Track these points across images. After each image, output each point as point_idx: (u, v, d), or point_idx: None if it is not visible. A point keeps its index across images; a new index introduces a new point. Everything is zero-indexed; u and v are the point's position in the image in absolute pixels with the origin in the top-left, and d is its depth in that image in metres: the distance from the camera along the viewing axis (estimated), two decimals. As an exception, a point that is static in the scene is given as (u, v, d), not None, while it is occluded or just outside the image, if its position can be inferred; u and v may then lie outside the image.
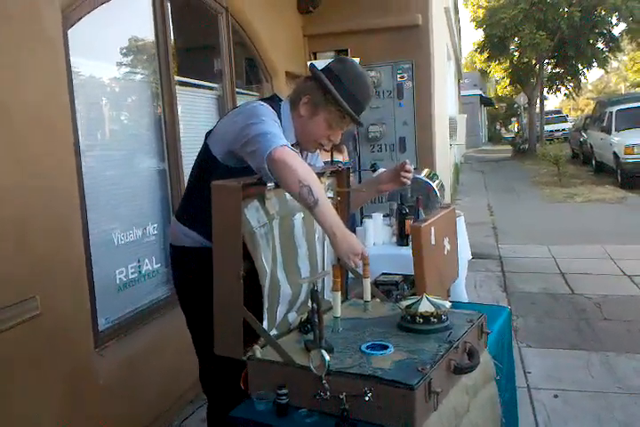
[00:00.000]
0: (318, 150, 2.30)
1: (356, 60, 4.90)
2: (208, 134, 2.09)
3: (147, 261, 3.25)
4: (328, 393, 1.51)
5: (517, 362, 3.68)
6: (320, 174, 2.04)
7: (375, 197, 3.02)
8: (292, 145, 1.90)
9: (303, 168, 1.73)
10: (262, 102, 2.01)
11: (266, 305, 1.77)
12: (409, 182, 2.27)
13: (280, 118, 2.02)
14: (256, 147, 1.76)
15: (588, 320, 4.51)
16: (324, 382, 1.51)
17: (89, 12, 2.74)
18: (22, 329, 2.22)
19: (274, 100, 2.11)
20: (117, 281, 3.03)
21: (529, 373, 3.64)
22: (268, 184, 1.79)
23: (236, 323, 1.68)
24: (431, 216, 2.38)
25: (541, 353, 3.95)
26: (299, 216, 1.96)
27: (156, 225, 3.32)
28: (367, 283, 2.07)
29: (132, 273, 3.13)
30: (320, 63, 2.21)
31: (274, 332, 1.83)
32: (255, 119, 1.86)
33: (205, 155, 2.05)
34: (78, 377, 2.53)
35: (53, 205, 2.39)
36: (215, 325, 1.73)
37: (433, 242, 2.25)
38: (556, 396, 3.34)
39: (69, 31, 2.56)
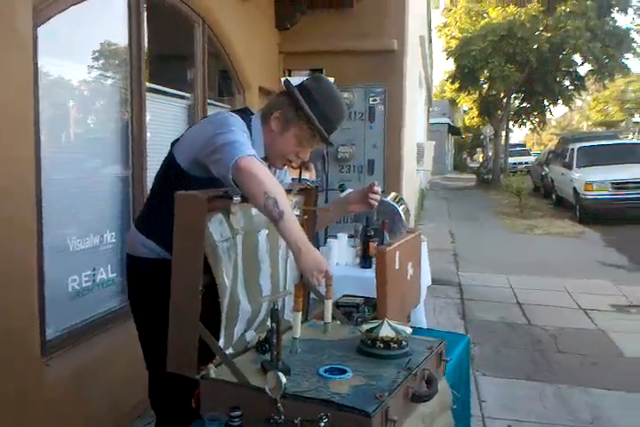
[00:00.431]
0: (286, 167, 2.27)
1: (331, 79, 4.93)
2: (174, 143, 2.04)
3: (102, 269, 3.14)
4: (282, 417, 1.45)
5: (473, 390, 3.66)
6: (288, 191, 1.99)
7: (341, 218, 3.00)
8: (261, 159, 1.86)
9: (270, 179, 1.70)
10: (233, 113, 1.98)
11: (224, 323, 1.70)
12: (376, 204, 2.26)
13: (250, 131, 1.99)
14: (222, 155, 1.73)
15: (543, 351, 4.54)
16: (278, 405, 1.45)
17: (62, 11, 2.67)
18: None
19: (245, 113, 2.08)
20: (70, 289, 2.92)
21: (484, 402, 3.63)
22: (235, 198, 1.75)
23: (191, 339, 1.61)
24: (396, 240, 2.36)
25: (497, 382, 3.95)
26: (263, 233, 1.91)
27: (114, 233, 3.22)
28: (329, 304, 2.03)
29: (85, 281, 3.02)
30: (295, 80, 2.20)
31: (230, 351, 1.77)
32: (224, 129, 1.83)
33: (170, 163, 2.00)
34: (23, 388, 2.42)
35: (6, 205, 2.30)
36: (169, 340, 1.66)
37: (397, 266, 2.23)
38: (509, 426, 3.33)
39: (39, 29, 2.48)
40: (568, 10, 19.15)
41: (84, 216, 3.02)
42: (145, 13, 3.42)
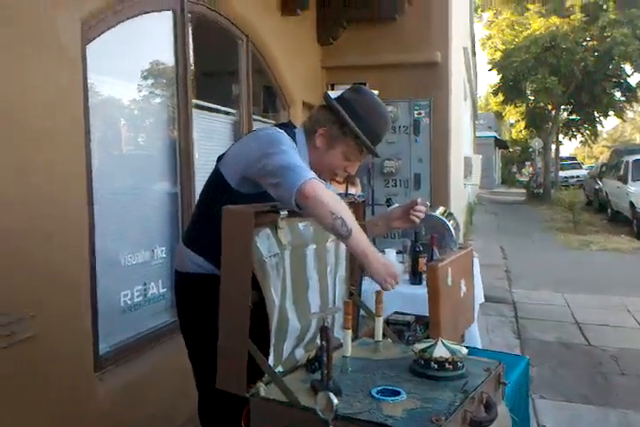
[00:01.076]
0: (330, 182, 2.24)
1: (375, 92, 4.90)
2: (220, 158, 2.03)
3: (153, 284, 3.16)
4: (334, 440, 1.38)
5: (531, 414, 3.51)
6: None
7: (388, 233, 2.95)
8: None
9: (334, 200, 1.69)
10: (278, 129, 1.95)
11: (273, 340, 1.66)
12: (418, 221, 2.23)
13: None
14: (282, 179, 1.69)
15: (604, 374, 4.32)
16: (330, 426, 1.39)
17: (109, 29, 2.71)
18: (17, 349, 2.14)
19: (289, 127, 2.05)
20: (122, 304, 2.94)
21: (543, 426, 3.46)
22: (282, 213, 1.71)
23: (240, 357, 1.57)
24: (448, 256, 2.28)
25: (556, 406, 3.76)
26: (311, 248, 1.87)
27: (164, 248, 3.24)
28: (380, 322, 1.97)
29: (137, 296, 3.04)
30: (335, 93, 2.16)
31: (279, 369, 1.72)
32: (275, 148, 1.80)
33: (217, 179, 1.98)
34: (75, 402, 2.43)
35: (61, 220, 2.33)
36: (219, 357, 1.63)
37: (449, 283, 2.14)
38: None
39: (88, 47, 2.52)
40: (613, 17, 18.67)
41: (134, 232, 3.05)
42: (190, 30, 3.47)
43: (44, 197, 2.24)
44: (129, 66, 3.05)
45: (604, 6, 19.16)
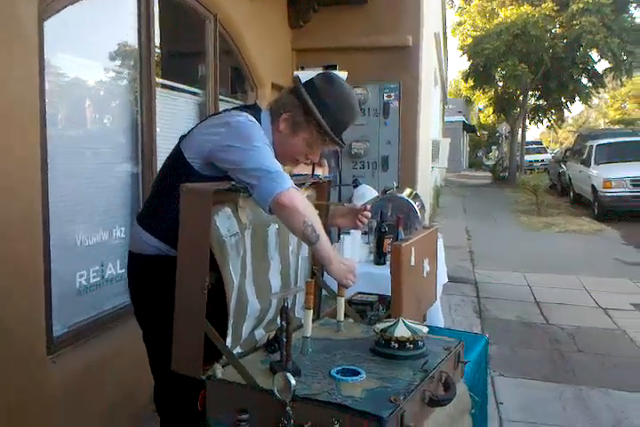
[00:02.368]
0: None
1: (344, 74, 4.84)
2: (182, 138, 1.97)
3: (110, 265, 3.09)
4: (292, 421, 1.38)
5: (490, 391, 3.58)
6: (300, 185, 1.93)
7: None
8: None
9: (308, 209, 1.72)
10: (247, 115, 1.88)
11: (231, 321, 1.64)
12: (362, 226, 2.27)
13: None
14: (257, 183, 1.67)
15: (561, 351, 4.43)
16: (288, 408, 1.38)
17: (70, 4, 2.61)
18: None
19: (255, 110, 1.99)
20: (77, 285, 2.86)
21: (501, 403, 3.53)
22: (243, 193, 1.68)
23: (196, 338, 1.55)
24: (412, 236, 2.28)
25: (515, 383, 3.84)
26: (273, 227, 1.85)
27: (123, 228, 3.17)
28: (341, 302, 1.97)
29: (93, 277, 2.96)
30: (306, 74, 2.11)
31: (238, 350, 1.70)
32: (247, 143, 1.75)
33: (177, 159, 1.92)
34: (28, 386, 2.37)
35: (12, 202, 2.25)
36: (174, 339, 1.60)
37: (412, 263, 2.15)
38: (527, 429, 3.24)
39: (46, 23, 2.42)
40: (582, 6, 18.87)
41: (92, 211, 2.97)
42: (155, 8, 3.36)
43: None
44: (90, 43, 2.94)
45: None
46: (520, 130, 24.91)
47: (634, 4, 20.04)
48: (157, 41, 3.44)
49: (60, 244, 2.67)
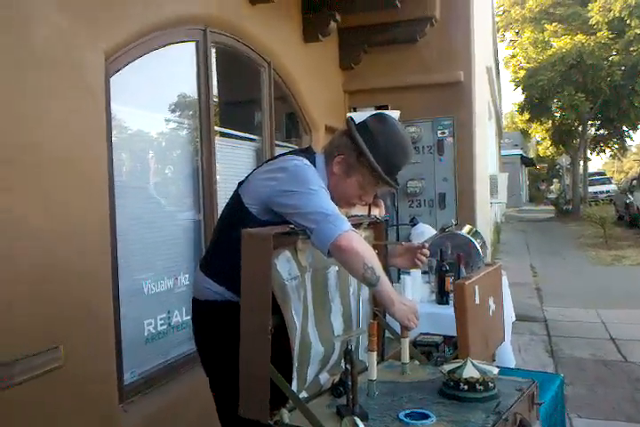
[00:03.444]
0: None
1: (396, 113, 4.87)
2: (241, 184, 2.01)
3: (177, 312, 3.15)
4: (361, 467, 1.35)
5: (568, 434, 3.40)
6: (357, 225, 1.94)
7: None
8: None
9: (367, 251, 1.72)
10: (302, 158, 1.91)
11: (295, 364, 1.63)
12: (421, 265, 2.24)
13: None
14: (315, 226, 1.69)
15: (643, 391, 4.18)
16: (356, 453, 1.35)
17: (133, 61, 2.76)
18: (43, 380, 2.13)
19: (309, 153, 2.02)
20: (146, 333, 2.93)
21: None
22: (301, 235, 1.70)
23: (262, 383, 1.55)
24: (475, 273, 2.23)
25: (595, 425, 3.63)
26: (333, 269, 1.85)
27: (187, 275, 3.24)
28: (406, 343, 1.93)
29: (160, 325, 3.02)
30: (359, 115, 2.13)
31: (303, 394, 1.69)
32: (303, 187, 1.78)
33: (236, 205, 1.96)
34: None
35: (82, 251, 2.34)
36: (240, 384, 1.60)
37: (477, 301, 2.09)
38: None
39: (112, 79, 2.57)
40: (638, 32, 18.54)
41: (157, 260, 3.06)
42: (213, 60, 3.52)
43: (68, 226, 2.26)
44: (152, 96, 3.11)
45: (629, 21, 19.02)
46: (581, 161, 24.30)
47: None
48: (215, 90, 3.58)
49: (128, 292, 2.74)
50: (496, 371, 1.68)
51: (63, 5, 2.24)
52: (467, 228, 4.12)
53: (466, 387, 1.63)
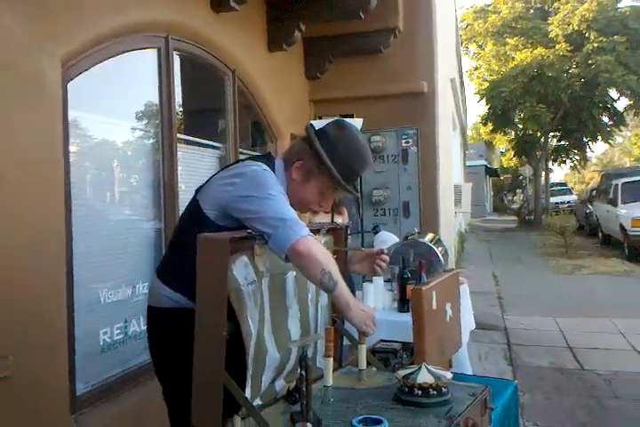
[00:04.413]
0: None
1: (359, 121, 4.91)
2: (199, 189, 2.00)
3: (134, 321, 3.10)
4: (312, 473, 1.35)
5: (525, 442, 3.45)
6: (316, 231, 1.95)
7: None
8: None
9: (324, 255, 1.72)
10: (261, 164, 1.91)
11: (250, 371, 1.62)
12: (381, 272, 2.24)
13: None
14: (273, 232, 1.69)
15: (598, 398, 4.26)
16: (308, 460, 1.35)
17: (91, 67, 2.73)
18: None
19: (269, 159, 2.02)
20: (101, 342, 2.87)
21: (537, 453, 3.39)
22: (258, 240, 1.70)
23: (215, 390, 1.53)
24: (433, 279, 2.26)
25: (550, 433, 3.70)
26: (291, 275, 1.85)
27: (146, 284, 3.19)
28: (363, 349, 1.93)
29: (117, 334, 2.97)
30: (322, 123, 2.14)
31: (258, 401, 1.68)
32: (262, 192, 1.78)
33: (194, 211, 1.94)
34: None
35: (36, 260, 2.30)
36: (193, 391, 1.58)
37: (434, 306, 2.12)
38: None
39: (69, 84, 2.54)
40: (596, 45, 19.11)
41: (115, 268, 3.01)
42: (175, 66, 3.50)
43: (23, 235, 2.22)
44: (112, 103, 3.07)
45: (587, 34, 19.60)
46: (543, 172, 24.82)
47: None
48: (178, 98, 3.56)
49: (83, 301, 2.70)
50: (450, 376, 1.70)
51: (17, 10, 2.21)
52: (429, 236, 4.17)
53: (420, 392, 1.65)
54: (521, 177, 32.40)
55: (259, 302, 1.69)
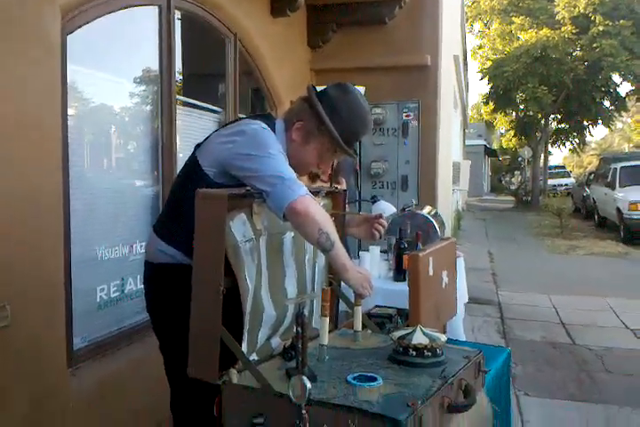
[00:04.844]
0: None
1: (362, 88, 4.86)
2: (198, 146, 1.98)
3: (131, 280, 3.10)
4: (308, 425, 1.35)
5: (515, 411, 3.49)
6: (315, 193, 1.93)
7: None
8: None
9: (322, 215, 1.71)
10: (261, 123, 1.89)
11: (246, 326, 1.63)
12: (378, 236, 2.21)
13: None
14: (271, 190, 1.67)
15: (589, 372, 4.31)
16: (303, 412, 1.35)
17: (91, 21, 2.67)
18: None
19: (269, 119, 2.00)
20: (98, 299, 2.88)
21: (527, 422, 3.44)
22: (257, 198, 1.69)
23: (212, 342, 1.54)
24: (430, 246, 2.26)
25: (540, 403, 3.74)
26: (289, 235, 1.85)
27: (143, 243, 3.17)
28: (359, 311, 1.94)
29: (114, 292, 2.97)
30: (321, 88, 2.11)
31: (254, 357, 1.68)
32: (262, 151, 1.76)
33: (193, 167, 1.92)
34: (47, 397, 2.37)
35: (36, 213, 2.29)
36: (190, 345, 1.59)
37: (430, 272, 2.12)
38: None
39: (69, 37, 2.49)
40: (602, 29, 18.92)
41: (112, 227, 3.00)
42: (176, 25, 3.43)
43: (21, 190, 2.20)
44: (111, 58, 3.01)
45: (593, 18, 19.39)
46: (542, 154, 24.76)
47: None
48: (178, 58, 3.50)
49: (80, 257, 2.69)
50: (444, 338, 1.71)
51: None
52: (427, 208, 4.17)
53: (414, 353, 1.66)
54: (520, 158, 32.32)
55: (256, 260, 1.68)
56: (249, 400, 1.49)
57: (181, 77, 3.63)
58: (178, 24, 3.43)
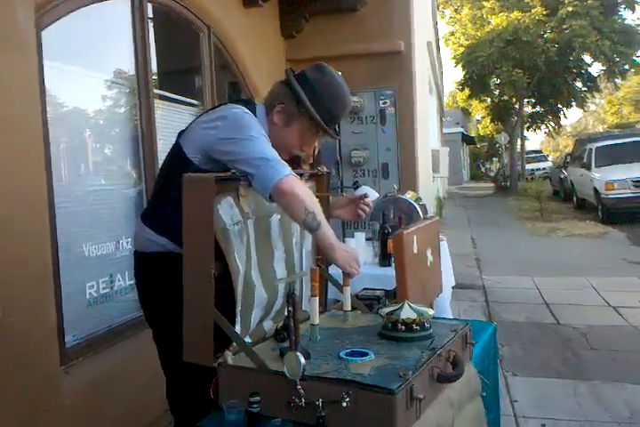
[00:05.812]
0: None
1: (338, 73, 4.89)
2: (181, 133, 1.99)
3: (119, 276, 3.10)
4: (303, 400, 1.39)
5: (504, 390, 3.56)
6: (300, 176, 1.96)
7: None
8: None
9: (308, 195, 1.72)
10: (242, 107, 1.91)
11: (239, 308, 1.65)
12: (364, 216, 2.25)
13: None
14: (256, 171, 1.69)
15: (574, 349, 4.40)
16: (298, 387, 1.39)
17: (64, 15, 2.66)
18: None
19: (249, 104, 2.02)
20: (88, 296, 2.88)
21: (515, 401, 3.50)
22: (243, 181, 1.71)
23: (206, 326, 1.56)
24: (413, 225, 2.29)
25: (528, 382, 3.81)
26: (275, 218, 1.87)
27: (129, 239, 3.18)
28: (348, 291, 1.97)
29: (103, 288, 2.98)
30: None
31: (247, 340, 1.71)
32: (244, 134, 1.78)
33: (178, 155, 1.93)
34: (40, 396, 2.36)
35: (21, 212, 2.27)
36: (184, 329, 1.61)
37: (415, 251, 2.16)
38: (543, 425, 3.20)
39: (43, 33, 2.47)
40: (570, 9, 19.09)
41: (99, 223, 2.99)
42: (149, 20, 3.41)
43: (3, 189, 2.19)
44: (86, 53, 2.99)
45: (563, -1, 19.62)
46: (519, 139, 25.01)
47: (622, 6, 20.19)
48: (153, 52, 3.48)
49: (68, 254, 2.69)
50: (431, 312, 1.75)
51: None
52: (410, 193, 4.21)
53: (403, 328, 1.70)
54: (497, 145, 32.60)
55: (245, 242, 1.70)
56: (245, 381, 1.51)
57: (158, 71, 3.61)
58: (151, 17, 3.42)
